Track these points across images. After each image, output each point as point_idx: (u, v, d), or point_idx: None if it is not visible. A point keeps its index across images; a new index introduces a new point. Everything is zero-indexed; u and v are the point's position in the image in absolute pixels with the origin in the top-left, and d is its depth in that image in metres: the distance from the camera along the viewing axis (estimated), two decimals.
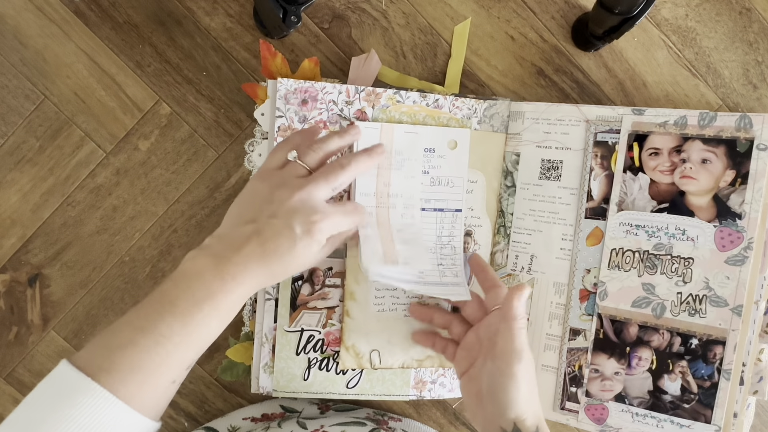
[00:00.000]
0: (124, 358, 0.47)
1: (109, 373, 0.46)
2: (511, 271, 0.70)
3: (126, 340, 0.48)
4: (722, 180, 0.61)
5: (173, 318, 0.49)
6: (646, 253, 0.64)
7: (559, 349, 0.68)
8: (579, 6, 0.72)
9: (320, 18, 0.71)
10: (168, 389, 0.50)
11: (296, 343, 0.68)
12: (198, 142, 0.71)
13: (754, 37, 0.73)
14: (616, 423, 0.65)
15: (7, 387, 0.73)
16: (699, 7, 0.73)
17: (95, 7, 0.69)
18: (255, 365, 0.68)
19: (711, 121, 0.61)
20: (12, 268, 0.72)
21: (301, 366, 0.68)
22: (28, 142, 0.70)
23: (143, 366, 0.47)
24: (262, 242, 0.52)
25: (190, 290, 0.50)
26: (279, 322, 0.67)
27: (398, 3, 0.71)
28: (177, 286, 0.51)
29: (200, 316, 0.49)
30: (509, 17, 0.72)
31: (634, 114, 0.64)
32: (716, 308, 0.61)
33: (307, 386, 0.68)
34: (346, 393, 0.70)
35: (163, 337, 0.48)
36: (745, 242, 0.60)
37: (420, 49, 0.72)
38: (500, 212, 0.71)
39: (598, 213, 0.66)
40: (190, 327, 0.49)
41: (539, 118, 0.68)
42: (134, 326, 0.49)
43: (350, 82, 0.69)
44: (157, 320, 0.49)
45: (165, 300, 0.50)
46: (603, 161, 0.65)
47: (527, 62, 0.73)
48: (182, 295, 0.50)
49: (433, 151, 0.67)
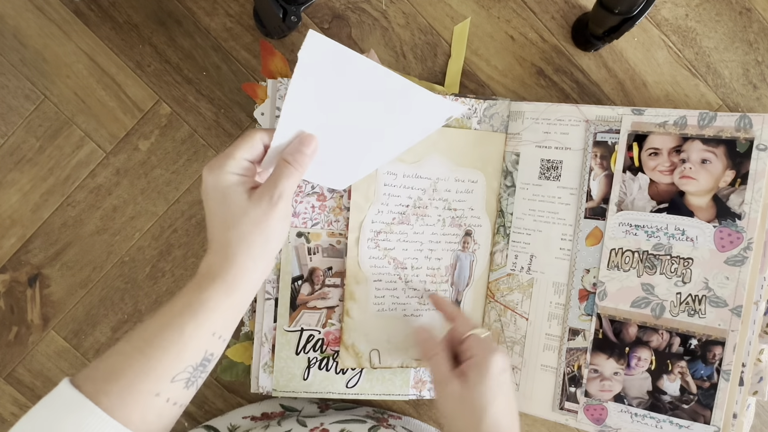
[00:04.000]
0: (107, 366, 0.47)
1: (93, 383, 0.46)
2: (511, 271, 0.70)
3: (114, 350, 0.49)
4: (722, 180, 0.61)
5: (153, 321, 0.49)
6: (645, 253, 0.64)
7: (559, 349, 0.68)
8: (579, 6, 0.72)
9: (320, 18, 0.71)
10: (154, 404, 0.48)
11: (296, 343, 0.68)
12: (198, 142, 0.72)
13: (754, 37, 0.73)
14: (615, 423, 0.65)
15: (7, 387, 0.74)
16: (699, 7, 0.73)
17: (95, 7, 0.69)
18: (255, 365, 0.68)
19: (711, 121, 0.61)
20: (12, 268, 0.72)
21: (300, 366, 0.68)
22: (28, 142, 0.70)
23: (124, 373, 0.47)
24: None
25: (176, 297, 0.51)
26: (279, 321, 0.67)
27: (398, 3, 0.71)
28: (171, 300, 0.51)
29: (170, 315, 0.49)
30: (509, 17, 0.72)
31: (634, 114, 0.64)
32: (716, 309, 0.61)
33: (306, 386, 0.68)
34: (346, 393, 0.70)
35: (143, 342, 0.48)
36: (744, 242, 0.60)
37: (420, 49, 0.72)
38: (500, 212, 0.70)
39: (598, 213, 0.65)
40: (162, 328, 0.48)
41: (539, 118, 0.68)
42: (125, 339, 0.49)
43: None
44: (142, 329, 0.49)
45: (157, 313, 0.50)
46: (602, 161, 0.65)
47: (527, 62, 0.73)
48: (168, 302, 0.50)
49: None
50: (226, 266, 0.51)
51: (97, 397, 0.45)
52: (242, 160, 0.52)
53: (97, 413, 0.45)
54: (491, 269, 0.71)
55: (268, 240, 0.52)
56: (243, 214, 0.51)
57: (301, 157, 0.53)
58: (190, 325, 0.49)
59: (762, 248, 0.60)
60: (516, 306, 0.70)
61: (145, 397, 0.47)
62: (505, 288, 0.70)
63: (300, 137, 0.53)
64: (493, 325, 0.71)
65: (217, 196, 0.51)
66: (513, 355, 0.70)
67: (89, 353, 0.74)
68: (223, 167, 0.51)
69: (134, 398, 0.46)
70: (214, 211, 0.52)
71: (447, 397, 0.57)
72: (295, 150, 0.53)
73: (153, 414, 0.48)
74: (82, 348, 0.74)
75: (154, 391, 0.47)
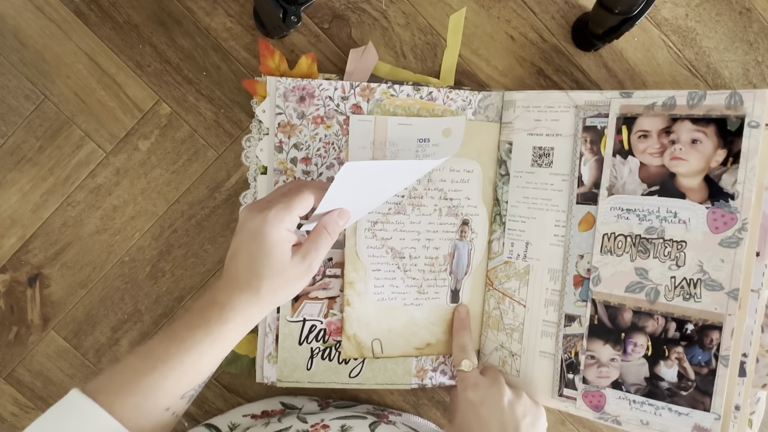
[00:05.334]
0: (122, 380, 0.50)
1: (106, 395, 0.49)
2: (508, 259, 0.70)
3: (128, 365, 0.52)
4: (713, 160, 0.59)
5: (170, 343, 0.52)
6: (638, 237, 0.63)
7: (556, 335, 0.67)
8: (579, 6, 0.72)
9: (320, 18, 0.71)
10: (163, 417, 0.52)
11: (299, 333, 0.69)
12: (198, 142, 0.72)
13: (754, 37, 0.72)
14: (613, 410, 0.64)
15: (7, 387, 0.74)
16: (699, 7, 0.72)
17: (95, 7, 0.69)
18: (259, 355, 0.70)
19: (700, 101, 0.60)
20: (12, 268, 0.72)
21: (304, 356, 0.70)
22: (28, 142, 0.71)
23: (139, 389, 0.50)
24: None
25: (189, 318, 0.54)
26: (281, 312, 0.69)
27: (398, 3, 0.71)
28: (182, 318, 0.54)
29: (191, 341, 0.52)
30: (509, 17, 0.72)
31: (622, 97, 0.63)
32: (711, 292, 0.60)
33: (310, 376, 0.70)
34: (349, 382, 0.71)
35: (160, 361, 0.51)
36: (739, 223, 0.58)
37: (420, 49, 0.72)
38: (496, 201, 0.71)
39: (589, 198, 0.65)
40: (182, 351, 0.52)
41: (530, 106, 0.68)
42: (138, 354, 0.52)
43: (347, 73, 0.70)
44: (157, 347, 0.52)
45: (169, 330, 0.53)
46: (593, 146, 0.65)
47: (527, 62, 0.73)
48: (182, 324, 0.53)
49: (427, 141, 0.68)
50: (250, 307, 0.55)
51: (110, 406, 0.49)
52: (297, 217, 0.56)
53: (108, 420, 0.48)
54: (489, 257, 0.72)
55: (292, 294, 0.57)
56: (283, 270, 0.55)
57: (337, 228, 0.59)
58: (208, 354, 0.53)
59: (758, 229, 0.58)
60: (513, 293, 0.70)
61: (158, 411, 0.51)
62: (502, 276, 0.71)
63: (339, 211, 0.59)
64: (493, 313, 0.71)
65: (264, 246, 0.54)
66: (512, 342, 0.70)
67: (89, 353, 0.74)
68: (282, 222, 0.54)
69: (148, 412, 0.50)
70: (251, 255, 0.55)
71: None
72: (332, 222, 0.59)
73: (160, 426, 0.52)
74: (82, 348, 0.74)
75: (166, 406, 0.52)
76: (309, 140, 0.67)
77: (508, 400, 0.63)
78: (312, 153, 0.68)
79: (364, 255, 0.69)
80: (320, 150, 0.68)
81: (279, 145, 0.67)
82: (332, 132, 0.68)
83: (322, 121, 0.67)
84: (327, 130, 0.67)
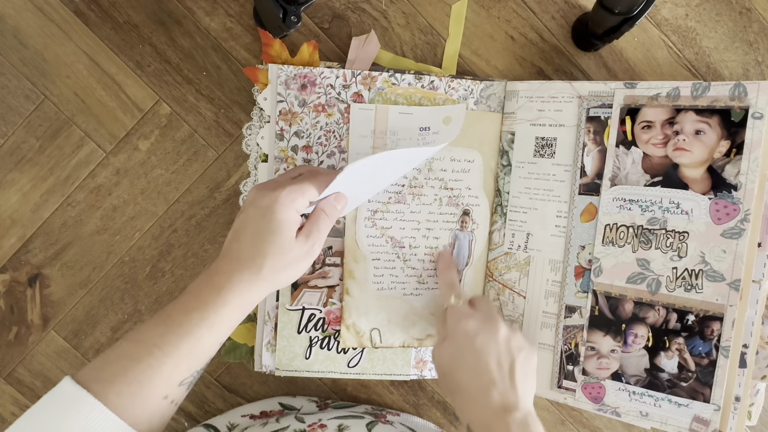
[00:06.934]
0: (118, 368, 0.49)
1: (101, 384, 0.47)
2: (508, 250, 0.70)
3: (123, 352, 0.50)
4: (716, 151, 0.59)
5: (166, 328, 0.51)
6: (640, 228, 0.63)
7: (556, 326, 0.67)
8: (579, 6, 0.72)
9: (320, 18, 0.71)
10: (160, 406, 0.50)
11: (297, 322, 0.69)
12: (198, 142, 0.72)
13: (754, 37, 0.72)
14: (613, 402, 0.64)
15: (7, 387, 0.74)
16: (699, 7, 0.72)
17: (95, 7, 0.69)
18: (258, 343, 0.70)
19: (704, 92, 0.60)
20: (12, 268, 0.72)
21: (302, 344, 0.69)
22: (28, 142, 0.70)
23: (135, 377, 0.48)
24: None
25: (185, 301, 0.52)
26: (281, 300, 0.69)
27: (398, 3, 0.71)
28: (177, 301, 0.53)
29: (188, 325, 0.51)
30: (509, 17, 0.72)
31: (627, 88, 0.63)
32: (713, 283, 0.60)
33: (309, 365, 0.70)
34: (348, 372, 0.71)
35: (156, 347, 0.49)
36: (741, 214, 0.58)
37: (420, 49, 0.72)
38: (497, 191, 0.71)
39: (592, 189, 0.65)
40: (180, 336, 0.50)
41: (533, 96, 0.67)
42: (132, 340, 0.51)
43: (349, 62, 0.69)
44: (152, 331, 0.51)
45: (164, 314, 0.52)
46: (596, 137, 0.65)
47: (527, 62, 0.73)
48: (178, 307, 0.52)
49: (428, 129, 0.68)
50: (249, 288, 0.54)
51: (106, 396, 0.47)
52: (308, 201, 0.56)
53: (103, 411, 0.46)
54: (490, 248, 0.72)
55: (292, 277, 0.57)
56: (289, 249, 0.55)
57: (335, 211, 0.59)
58: (206, 338, 0.52)
59: (760, 219, 0.58)
60: (514, 284, 0.70)
61: (155, 399, 0.49)
62: (503, 267, 0.70)
63: (336, 195, 0.60)
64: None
65: (273, 223, 0.54)
66: None
67: (89, 353, 0.74)
68: (294, 202, 0.55)
69: (145, 401, 0.49)
70: (259, 232, 0.54)
71: (434, 359, 0.63)
72: (330, 205, 0.59)
73: (158, 415, 0.50)
74: (82, 348, 0.74)
75: (163, 394, 0.50)
76: (310, 128, 0.67)
77: (503, 334, 0.61)
78: (313, 141, 0.67)
79: (364, 244, 0.69)
80: (321, 138, 0.67)
81: (280, 133, 0.67)
82: (333, 120, 0.67)
83: (323, 109, 0.67)
84: (328, 118, 0.67)
